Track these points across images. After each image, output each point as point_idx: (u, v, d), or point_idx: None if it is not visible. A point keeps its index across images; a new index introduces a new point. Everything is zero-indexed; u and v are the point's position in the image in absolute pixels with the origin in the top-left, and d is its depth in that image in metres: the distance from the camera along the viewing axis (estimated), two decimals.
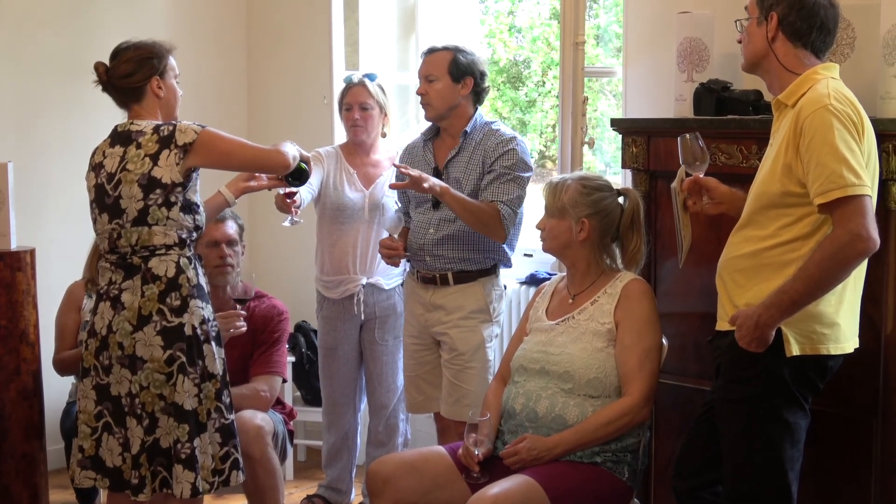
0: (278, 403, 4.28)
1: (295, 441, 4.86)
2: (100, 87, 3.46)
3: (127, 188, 3.30)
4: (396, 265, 4.14)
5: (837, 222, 2.77)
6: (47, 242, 4.88)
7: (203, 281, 3.42)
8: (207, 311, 3.40)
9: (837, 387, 3.07)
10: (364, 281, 4.44)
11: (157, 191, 3.28)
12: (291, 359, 5.02)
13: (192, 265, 3.37)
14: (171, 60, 3.48)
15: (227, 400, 3.43)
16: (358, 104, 4.43)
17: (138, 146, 3.30)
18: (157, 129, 3.32)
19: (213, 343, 3.38)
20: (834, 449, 3.30)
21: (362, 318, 4.45)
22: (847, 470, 3.31)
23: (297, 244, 5.22)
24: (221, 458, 3.39)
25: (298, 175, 3.53)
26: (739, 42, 3.08)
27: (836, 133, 2.77)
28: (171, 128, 3.31)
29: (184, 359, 3.30)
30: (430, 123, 4.15)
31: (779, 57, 2.96)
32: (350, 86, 4.48)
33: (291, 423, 4.33)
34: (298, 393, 5.26)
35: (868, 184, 2.78)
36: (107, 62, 3.45)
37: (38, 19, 5.08)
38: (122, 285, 3.34)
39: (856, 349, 3.00)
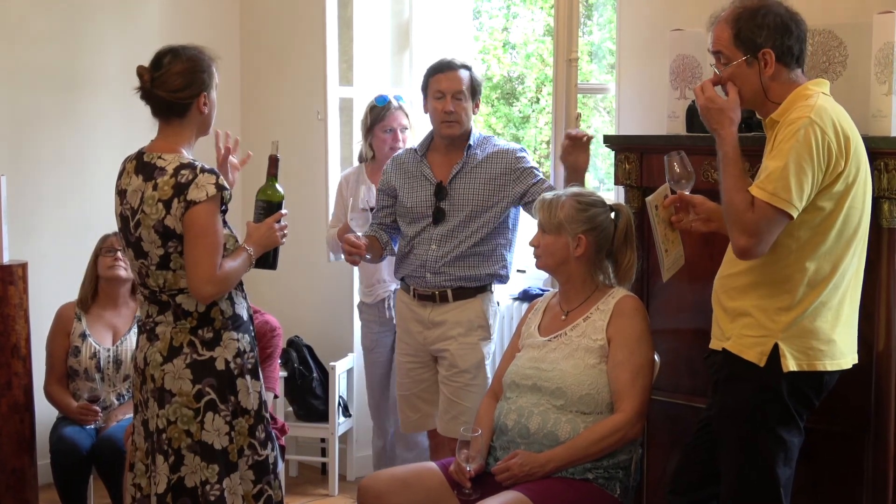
0: (270, 419, 4.27)
1: (286, 457, 4.86)
2: (139, 94, 3.23)
3: (146, 232, 3.16)
4: (356, 264, 4.15)
5: (755, 217, 2.81)
6: (39, 256, 4.88)
7: (242, 309, 3.30)
8: (245, 341, 3.28)
9: (829, 403, 3.07)
10: (394, 287, 4.55)
11: (174, 240, 3.15)
12: (284, 374, 5.02)
13: (227, 296, 3.25)
14: (215, 71, 3.29)
15: (262, 435, 3.31)
16: (400, 126, 4.65)
17: (155, 187, 3.14)
18: (177, 171, 3.14)
19: (247, 377, 3.26)
20: (826, 465, 3.30)
21: (393, 321, 4.52)
22: (839, 486, 3.31)
23: (289, 259, 5.22)
24: (254, 496, 3.28)
25: (263, 262, 3.39)
26: (716, 84, 3.01)
27: (798, 150, 2.78)
28: (190, 176, 3.12)
29: (213, 395, 3.20)
30: (419, 137, 4.18)
31: (771, 91, 2.95)
32: (388, 109, 4.65)
33: (283, 438, 4.32)
34: (291, 408, 5.25)
35: (797, 206, 2.79)
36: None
37: (31, 33, 5.08)
38: (157, 318, 3.25)
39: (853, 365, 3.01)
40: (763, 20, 2.91)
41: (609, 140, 3.86)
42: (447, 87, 3.99)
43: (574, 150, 3.83)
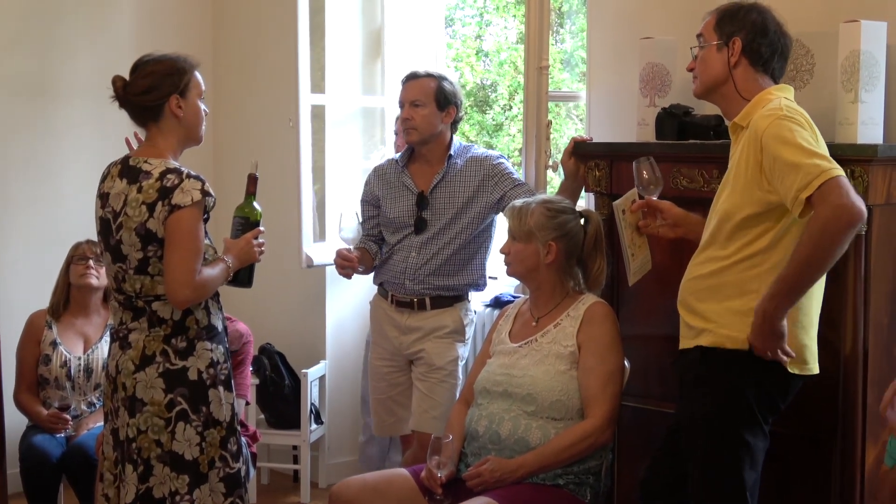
0: (242, 426, 4.26)
1: (258, 464, 4.84)
2: (117, 104, 3.22)
3: (126, 234, 3.13)
4: (349, 277, 4.14)
5: (818, 204, 2.75)
6: (10, 264, 4.86)
7: (217, 320, 3.28)
8: (218, 352, 3.25)
9: (797, 408, 3.09)
10: None
11: (154, 244, 3.12)
12: (255, 381, 5.01)
13: (203, 305, 3.22)
14: (197, 76, 3.27)
15: (234, 448, 3.28)
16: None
17: (139, 190, 3.11)
18: (163, 175, 3.12)
19: (220, 388, 3.23)
20: (794, 471, 3.32)
21: None
22: (806, 491, 3.33)
23: (261, 266, 5.20)
24: None
25: (238, 280, 3.35)
26: (690, 70, 3.12)
27: (796, 134, 2.81)
28: (176, 180, 3.11)
29: (185, 406, 3.17)
30: (400, 148, 4.19)
31: (737, 82, 3.01)
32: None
33: (255, 445, 4.32)
34: (262, 416, 5.24)
35: (837, 165, 2.79)
36: (111, 77, 3.22)
37: (2, 39, 5.05)
38: (131, 325, 3.21)
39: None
40: (745, 16, 3.02)
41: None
42: (404, 96, 4.07)
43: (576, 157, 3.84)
